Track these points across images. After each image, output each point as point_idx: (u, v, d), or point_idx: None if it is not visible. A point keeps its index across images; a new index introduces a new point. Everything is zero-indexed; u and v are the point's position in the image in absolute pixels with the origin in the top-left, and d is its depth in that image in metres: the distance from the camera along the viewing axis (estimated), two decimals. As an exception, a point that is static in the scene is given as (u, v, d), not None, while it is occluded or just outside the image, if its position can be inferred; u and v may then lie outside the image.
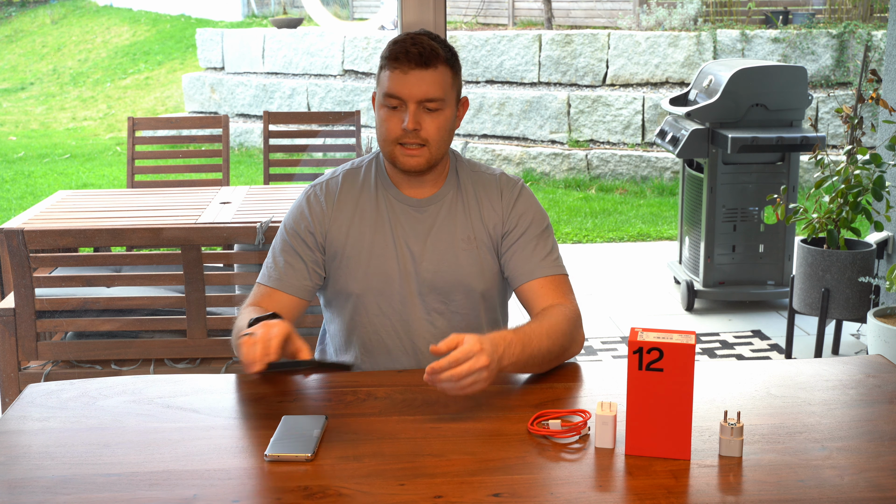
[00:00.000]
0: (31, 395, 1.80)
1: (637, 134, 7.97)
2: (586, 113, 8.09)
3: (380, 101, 1.90)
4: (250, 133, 9.50)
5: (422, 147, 1.88)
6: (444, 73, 1.88)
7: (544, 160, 8.04)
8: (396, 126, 1.88)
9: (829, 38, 7.81)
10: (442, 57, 1.88)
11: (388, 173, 1.99)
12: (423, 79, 1.85)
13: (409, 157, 1.89)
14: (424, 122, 1.87)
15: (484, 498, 1.41)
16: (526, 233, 1.97)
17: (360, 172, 2.02)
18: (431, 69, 1.86)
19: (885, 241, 4.25)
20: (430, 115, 1.88)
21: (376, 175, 2.00)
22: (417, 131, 1.87)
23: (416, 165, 1.90)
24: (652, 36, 8.17)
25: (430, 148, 1.89)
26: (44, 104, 12.41)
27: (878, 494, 1.41)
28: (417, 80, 1.85)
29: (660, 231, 6.47)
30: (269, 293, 1.95)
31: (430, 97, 1.86)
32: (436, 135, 1.89)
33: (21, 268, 2.93)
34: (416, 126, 1.86)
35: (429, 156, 1.90)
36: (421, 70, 1.85)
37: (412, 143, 1.88)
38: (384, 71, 1.88)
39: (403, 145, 1.88)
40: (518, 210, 1.99)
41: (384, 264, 1.95)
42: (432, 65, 1.86)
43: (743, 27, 8.47)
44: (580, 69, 8.31)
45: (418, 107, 1.86)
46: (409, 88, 1.85)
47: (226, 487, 1.45)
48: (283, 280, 1.95)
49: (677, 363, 1.49)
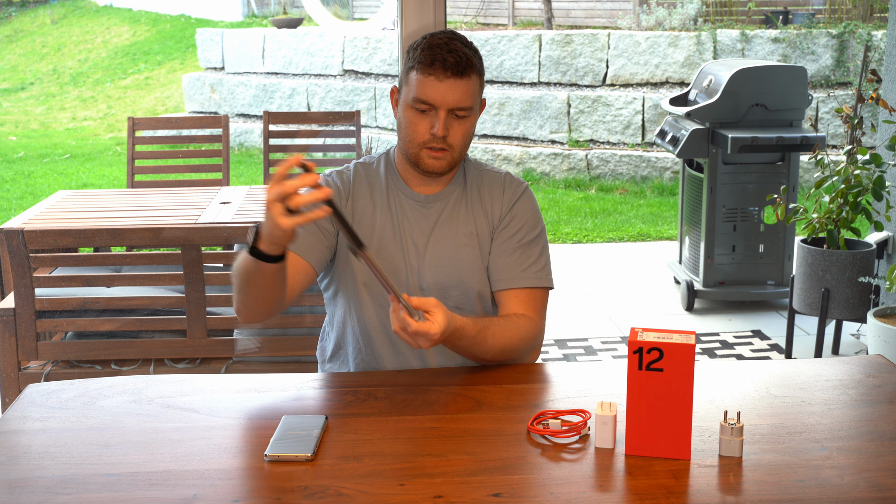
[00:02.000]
0: (31, 395, 1.80)
1: (637, 134, 7.97)
2: (586, 113, 8.09)
3: (408, 101, 1.90)
4: (250, 133, 9.50)
5: (446, 151, 1.90)
6: (475, 82, 1.90)
7: (544, 160, 8.04)
8: (425, 130, 1.89)
9: (829, 38, 7.81)
10: (475, 66, 1.89)
11: (398, 170, 2.01)
12: (456, 88, 1.87)
13: (434, 160, 1.91)
14: (452, 128, 1.89)
15: (484, 498, 1.41)
16: (515, 236, 1.98)
17: (372, 167, 2.03)
18: (465, 79, 1.87)
19: (885, 241, 4.25)
20: (458, 122, 1.90)
21: (387, 171, 2.02)
22: (445, 137, 1.89)
23: (440, 168, 1.92)
24: (652, 36, 8.17)
25: (453, 152, 1.91)
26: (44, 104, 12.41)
27: (878, 494, 1.41)
28: (451, 88, 1.86)
29: (660, 231, 6.47)
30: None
31: (461, 106, 1.88)
32: (461, 140, 1.92)
33: (21, 268, 2.93)
34: (445, 133, 1.88)
35: (451, 159, 1.92)
36: (455, 79, 1.86)
37: (438, 146, 1.89)
38: (416, 73, 1.88)
39: (430, 148, 1.90)
40: (515, 210, 2.00)
41: (391, 257, 1.96)
42: (466, 74, 1.87)
43: (743, 27, 8.47)
44: (580, 69, 8.31)
45: (448, 114, 1.88)
46: (441, 96, 1.86)
47: (226, 487, 1.45)
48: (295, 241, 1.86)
49: (677, 363, 1.49)
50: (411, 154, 1.92)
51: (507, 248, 1.98)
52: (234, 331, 3.10)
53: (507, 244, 1.98)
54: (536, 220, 2.01)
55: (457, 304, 1.98)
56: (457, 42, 1.90)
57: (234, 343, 3.06)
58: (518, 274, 1.96)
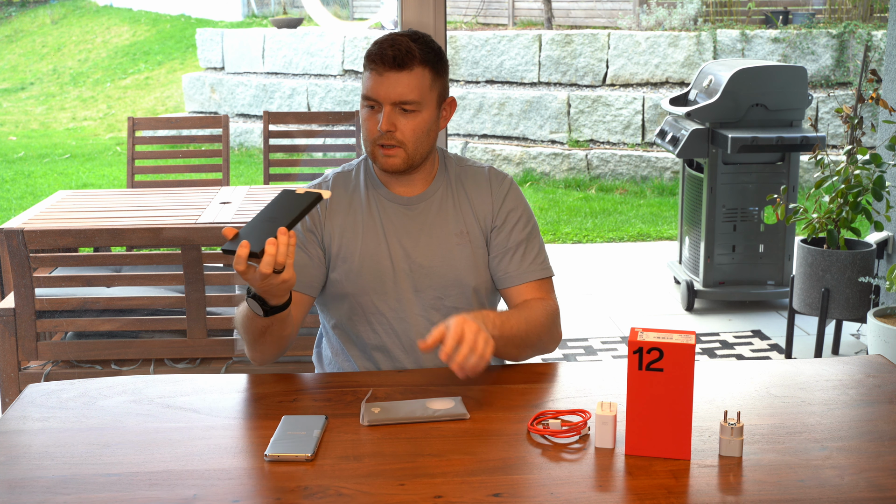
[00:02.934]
0: (31, 395, 1.80)
1: (637, 134, 7.97)
2: (586, 113, 8.09)
3: (361, 101, 1.93)
4: (250, 133, 9.50)
5: (397, 148, 1.89)
6: (422, 75, 1.88)
7: (544, 160, 8.04)
8: (374, 126, 1.90)
9: (829, 38, 7.81)
10: (418, 59, 1.87)
11: (376, 174, 2.00)
12: (397, 81, 1.86)
13: (386, 157, 1.90)
14: (400, 123, 1.88)
15: (484, 498, 1.41)
16: (513, 234, 1.99)
17: (350, 175, 2.03)
18: (406, 71, 1.86)
19: (885, 241, 4.25)
20: (405, 117, 1.88)
21: (365, 176, 2.01)
22: (392, 132, 1.88)
23: (393, 166, 1.91)
24: (652, 36, 8.17)
25: (406, 149, 1.90)
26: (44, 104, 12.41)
27: (878, 494, 1.41)
28: (392, 82, 1.86)
29: (660, 231, 6.47)
30: None
31: (404, 99, 1.87)
32: (411, 136, 1.89)
33: (21, 268, 2.93)
34: (389, 127, 1.87)
35: (405, 156, 1.90)
36: (395, 72, 1.86)
37: (388, 143, 1.89)
38: (364, 71, 1.91)
39: (381, 146, 1.90)
40: (507, 206, 2.00)
41: (377, 264, 1.95)
42: (407, 67, 1.86)
43: (743, 27, 8.47)
44: (580, 69, 8.31)
45: (393, 108, 1.87)
46: (383, 90, 1.86)
47: (226, 487, 1.45)
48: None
49: (677, 363, 1.49)
50: (369, 153, 1.94)
51: (508, 247, 1.98)
52: (234, 331, 3.10)
53: (507, 243, 1.99)
54: (528, 210, 2.04)
55: (455, 303, 1.97)
56: (402, 37, 1.89)
57: (234, 343, 3.06)
58: (524, 270, 1.98)
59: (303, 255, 1.95)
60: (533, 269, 1.98)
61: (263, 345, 1.83)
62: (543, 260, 2.01)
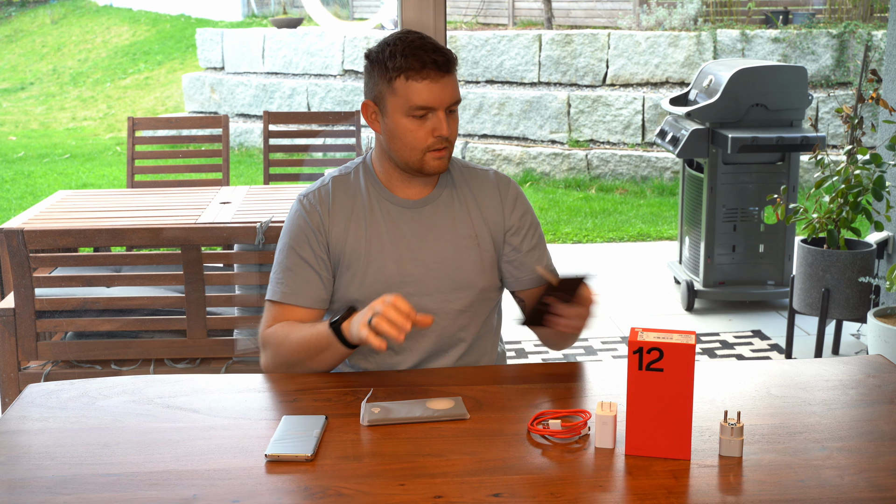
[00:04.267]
0: (31, 395, 1.80)
1: (637, 134, 7.97)
2: (586, 113, 8.09)
3: (403, 111, 1.86)
4: (250, 133, 9.50)
5: (447, 148, 1.91)
6: (456, 73, 1.91)
7: (544, 160, 8.04)
8: (427, 134, 1.87)
9: (829, 38, 7.81)
10: (453, 59, 1.89)
11: (379, 179, 1.98)
12: (449, 84, 1.87)
13: (439, 160, 1.90)
14: (451, 124, 1.90)
15: (484, 498, 1.41)
16: (525, 239, 2.01)
17: (350, 179, 2.00)
18: (452, 73, 1.88)
19: (885, 241, 4.25)
20: (451, 117, 1.90)
21: (366, 180, 1.99)
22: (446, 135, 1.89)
23: (445, 167, 1.92)
24: (652, 36, 8.17)
25: (451, 147, 1.93)
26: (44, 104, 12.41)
27: (879, 494, 1.41)
28: (445, 86, 1.86)
29: (660, 231, 6.47)
30: (286, 310, 1.93)
31: (455, 100, 1.89)
32: (456, 133, 1.93)
33: (21, 268, 2.93)
34: (449, 131, 1.89)
35: (449, 153, 1.93)
36: (446, 76, 1.86)
37: (442, 146, 1.89)
38: (407, 81, 1.84)
39: (435, 150, 1.89)
40: (519, 210, 2.02)
41: (383, 269, 1.94)
42: (452, 69, 1.88)
43: (743, 27, 8.47)
44: (580, 69, 8.31)
45: (445, 111, 1.88)
46: (439, 97, 1.86)
47: (226, 487, 1.45)
48: (299, 293, 1.93)
49: (677, 363, 1.49)
50: (413, 160, 1.89)
51: (523, 251, 2.01)
52: (234, 331, 3.10)
53: (523, 247, 2.01)
54: (535, 216, 2.06)
55: (461, 306, 1.97)
56: (430, 39, 1.89)
57: (234, 343, 3.06)
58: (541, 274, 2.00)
59: (308, 269, 1.94)
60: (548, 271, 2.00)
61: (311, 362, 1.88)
62: (550, 259, 2.06)
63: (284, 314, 1.93)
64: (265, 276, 2.53)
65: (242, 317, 3.11)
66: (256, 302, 3.06)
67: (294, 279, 1.93)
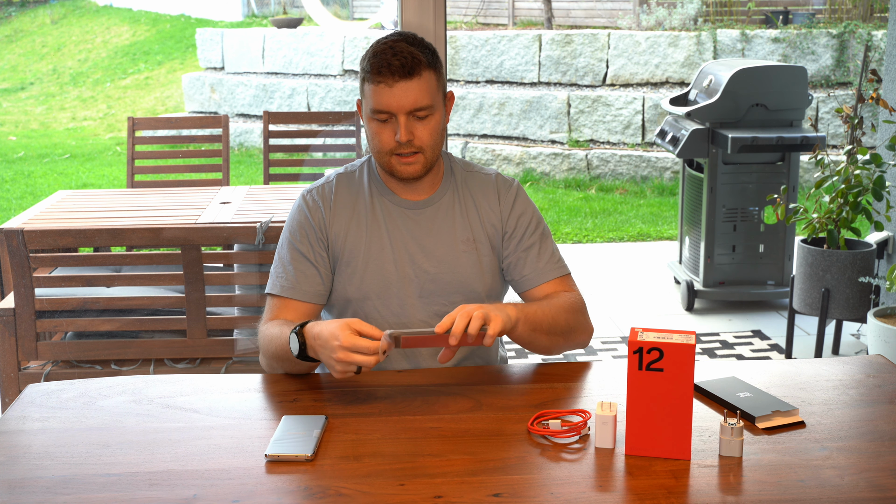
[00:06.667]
0: (31, 395, 1.80)
1: (637, 134, 7.97)
2: (586, 113, 8.09)
3: (368, 114, 1.88)
4: (250, 133, 9.50)
5: (417, 154, 1.88)
6: (429, 78, 1.86)
7: (544, 160, 8.04)
8: (389, 138, 1.87)
9: (829, 38, 7.81)
10: (424, 62, 1.85)
11: (381, 178, 1.99)
12: (409, 89, 1.83)
13: (406, 165, 1.89)
14: (417, 130, 1.86)
15: (484, 498, 1.41)
16: (527, 237, 1.99)
17: (354, 177, 2.01)
18: (416, 78, 1.84)
19: (885, 241, 4.25)
20: (421, 123, 1.87)
21: (370, 179, 1.99)
22: (411, 141, 1.86)
23: (414, 173, 1.90)
24: (652, 36, 8.17)
25: (424, 154, 1.89)
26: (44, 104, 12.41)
27: (879, 494, 1.41)
28: (404, 91, 1.83)
29: (660, 231, 6.47)
30: (284, 304, 1.94)
31: (418, 106, 1.85)
32: (429, 140, 1.88)
33: (21, 268, 2.93)
34: (409, 137, 1.85)
35: (424, 161, 1.90)
36: (406, 81, 1.83)
37: (407, 151, 1.87)
38: (368, 84, 1.85)
39: (399, 155, 1.88)
40: (517, 211, 2.00)
41: (381, 268, 1.94)
42: (416, 73, 1.83)
43: (743, 27, 8.47)
44: (580, 69, 8.31)
45: (408, 117, 1.85)
46: (397, 101, 1.83)
47: (226, 487, 1.45)
48: (297, 288, 1.94)
49: (677, 363, 1.49)
50: (383, 164, 1.90)
51: (525, 251, 1.99)
52: (234, 331, 3.10)
53: (524, 246, 1.99)
54: (537, 213, 2.04)
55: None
56: (401, 43, 1.86)
57: (234, 343, 3.06)
58: (541, 269, 1.99)
59: (307, 264, 1.94)
60: (549, 269, 1.99)
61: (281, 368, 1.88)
62: (559, 259, 2.02)
63: (283, 307, 1.94)
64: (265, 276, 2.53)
65: (242, 317, 3.11)
66: (256, 302, 3.06)
67: (293, 274, 1.94)
